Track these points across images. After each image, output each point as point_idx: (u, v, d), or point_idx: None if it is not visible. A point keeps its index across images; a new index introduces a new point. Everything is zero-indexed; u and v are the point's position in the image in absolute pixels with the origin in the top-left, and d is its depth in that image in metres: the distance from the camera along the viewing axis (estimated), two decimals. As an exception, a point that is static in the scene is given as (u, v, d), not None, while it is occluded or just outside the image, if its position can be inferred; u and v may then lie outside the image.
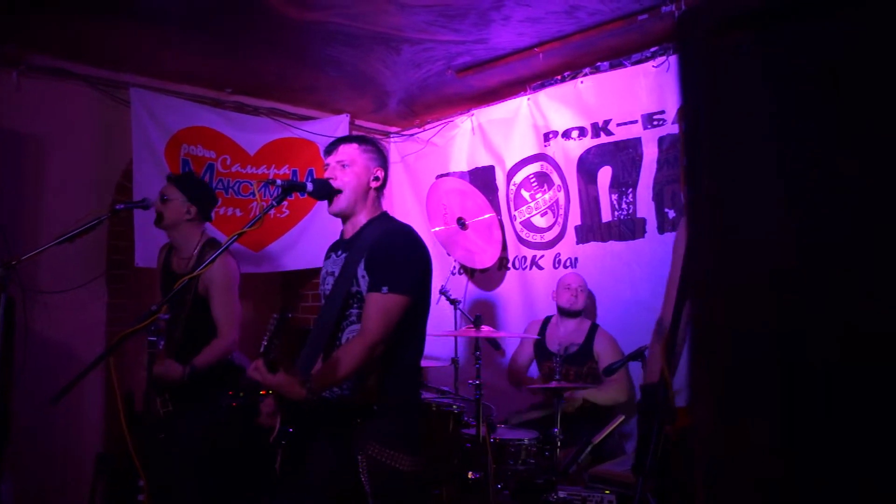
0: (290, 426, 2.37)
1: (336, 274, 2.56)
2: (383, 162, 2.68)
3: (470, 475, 3.52)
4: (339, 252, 2.63)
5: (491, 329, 3.91)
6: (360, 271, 2.48)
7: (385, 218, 2.64)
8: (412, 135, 5.87)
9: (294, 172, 5.26)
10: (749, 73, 0.53)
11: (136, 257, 4.38)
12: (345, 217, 2.64)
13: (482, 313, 4.80)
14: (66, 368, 4.03)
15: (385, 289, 2.40)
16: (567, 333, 4.34)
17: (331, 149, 2.65)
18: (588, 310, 4.45)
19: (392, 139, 6.05)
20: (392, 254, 2.47)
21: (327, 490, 2.51)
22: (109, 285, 4.54)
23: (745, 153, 0.54)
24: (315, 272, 5.58)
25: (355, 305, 2.50)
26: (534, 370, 4.57)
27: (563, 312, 4.37)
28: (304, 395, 2.27)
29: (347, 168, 2.58)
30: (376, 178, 2.63)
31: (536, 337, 4.41)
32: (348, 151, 2.60)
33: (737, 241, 0.56)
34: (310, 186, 2.54)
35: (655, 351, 2.41)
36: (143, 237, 4.35)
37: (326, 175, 2.59)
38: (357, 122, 5.76)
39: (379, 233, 2.52)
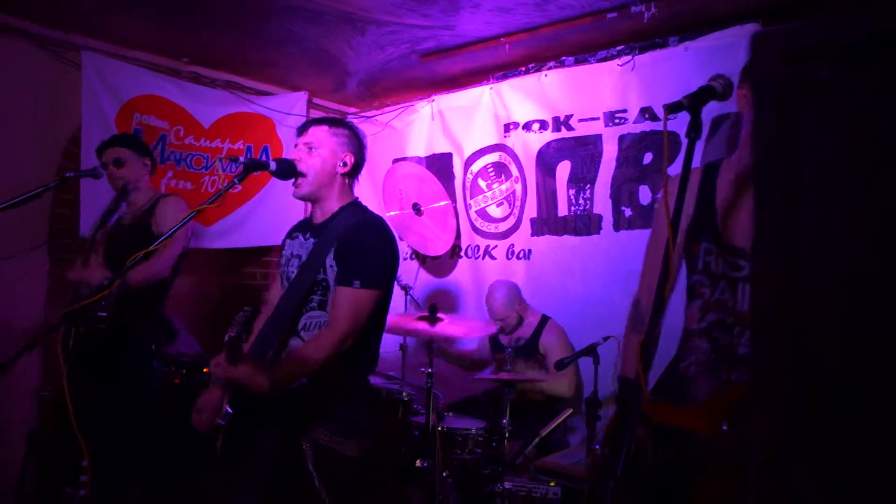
0: (234, 406, 2.30)
1: (303, 258, 2.51)
2: (355, 147, 2.59)
3: (417, 463, 3.52)
4: (308, 235, 2.56)
5: (445, 317, 3.88)
6: (329, 260, 2.43)
7: (357, 207, 2.58)
8: (370, 116, 5.79)
9: (248, 148, 5.14)
10: (825, 104, 0.52)
11: (82, 226, 4.25)
12: (311, 201, 2.58)
13: (433, 300, 4.79)
14: (2, 341, 3.88)
15: (357, 283, 2.36)
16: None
17: (301, 130, 2.58)
18: (529, 311, 4.43)
19: (350, 120, 5.97)
20: (364, 248, 2.43)
21: (270, 471, 2.46)
22: (51, 254, 4.37)
23: (817, 180, 0.54)
24: (264, 251, 5.48)
25: (318, 292, 2.46)
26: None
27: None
28: (267, 388, 2.21)
29: (314, 151, 2.51)
30: (344, 164, 2.55)
31: (493, 331, 4.37)
32: (317, 134, 2.53)
33: (803, 266, 0.56)
34: (273, 166, 2.46)
35: (631, 340, 2.15)
36: (90, 206, 4.23)
37: (293, 156, 2.52)
38: (315, 100, 5.65)
39: (351, 223, 2.47)
